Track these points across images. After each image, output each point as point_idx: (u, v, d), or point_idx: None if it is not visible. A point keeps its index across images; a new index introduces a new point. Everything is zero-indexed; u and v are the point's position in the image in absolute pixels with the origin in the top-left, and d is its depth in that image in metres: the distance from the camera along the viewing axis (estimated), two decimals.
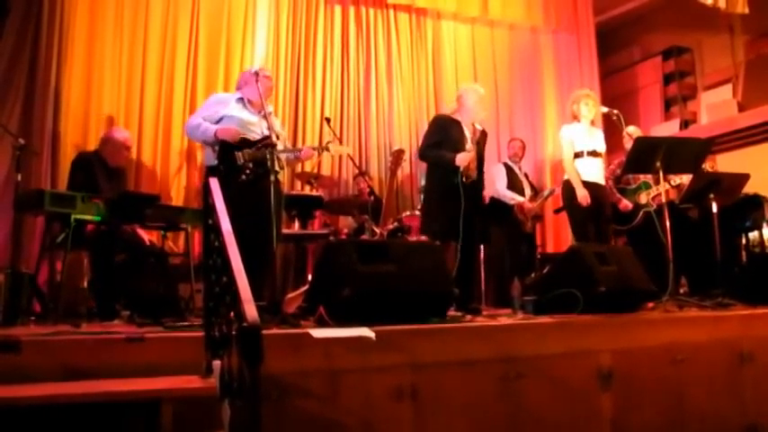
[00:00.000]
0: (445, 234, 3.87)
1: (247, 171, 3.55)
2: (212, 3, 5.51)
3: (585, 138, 4.61)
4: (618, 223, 4.95)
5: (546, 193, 5.77)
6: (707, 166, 4.85)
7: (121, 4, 5.13)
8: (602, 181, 4.65)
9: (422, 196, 4.47)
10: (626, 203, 4.96)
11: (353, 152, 5.78)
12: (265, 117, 3.65)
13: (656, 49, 7.62)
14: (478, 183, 4.17)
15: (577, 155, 4.59)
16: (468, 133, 4.12)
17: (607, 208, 4.69)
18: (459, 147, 4.06)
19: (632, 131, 4.89)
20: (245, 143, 3.62)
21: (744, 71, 6.79)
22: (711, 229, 4.24)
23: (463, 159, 3.99)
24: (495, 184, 5.48)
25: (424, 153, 4.24)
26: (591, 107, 4.64)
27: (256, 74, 3.68)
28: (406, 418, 2.39)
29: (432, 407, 2.44)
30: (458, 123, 4.16)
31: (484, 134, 4.24)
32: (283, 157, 3.82)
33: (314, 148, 4.07)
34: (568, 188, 4.59)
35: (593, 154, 4.59)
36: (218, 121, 3.72)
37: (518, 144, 5.80)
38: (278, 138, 3.54)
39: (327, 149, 3.97)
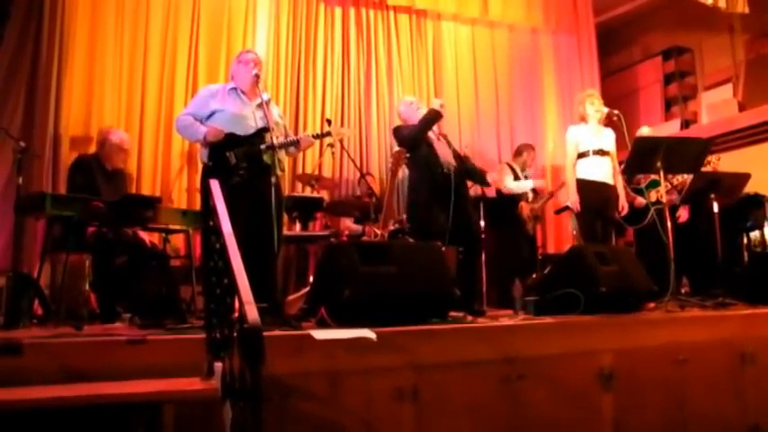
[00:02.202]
0: (439, 232, 3.87)
1: (241, 172, 3.43)
2: (212, 6, 5.51)
3: (592, 137, 4.60)
4: (630, 222, 4.93)
5: (546, 194, 5.77)
6: (713, 158, 4.84)
7: (122, 9, 5.14)
8: (610, 180, 4.61)
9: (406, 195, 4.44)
10: (640, 201, 4.97)
11: (354, 154, 5.79)
12: (260, 106, 3.49)
13: (657, 50, 7.61)
14: (463, 179, 4.22)
15: (583, 155, 4.58)
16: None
17: (611, 208, 4.68)
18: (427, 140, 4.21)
19: (647, 133, 4.89)
20: (236, 140, 3.46)
21: (744, 71, 6.78)
22: (713, 228, 4.23)
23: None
24: (504, 182, 5.50)
25: (409, 132, 4.26)
26: (597, 105, 4.63)
27: (237, 58, 3.62)
28: (408, 419, 2.39)
29: (433, 408, 2.45)
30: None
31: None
32: (283, 150, 3.66)
33: (314, 136, 3.96)
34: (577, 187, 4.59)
35: (601, 153, 4.56)
36: (209, 116, 3.58)
37: (532, 154, 5.80)
38: (272, 129, 3.34)
39: (329, 134, 3.83)
